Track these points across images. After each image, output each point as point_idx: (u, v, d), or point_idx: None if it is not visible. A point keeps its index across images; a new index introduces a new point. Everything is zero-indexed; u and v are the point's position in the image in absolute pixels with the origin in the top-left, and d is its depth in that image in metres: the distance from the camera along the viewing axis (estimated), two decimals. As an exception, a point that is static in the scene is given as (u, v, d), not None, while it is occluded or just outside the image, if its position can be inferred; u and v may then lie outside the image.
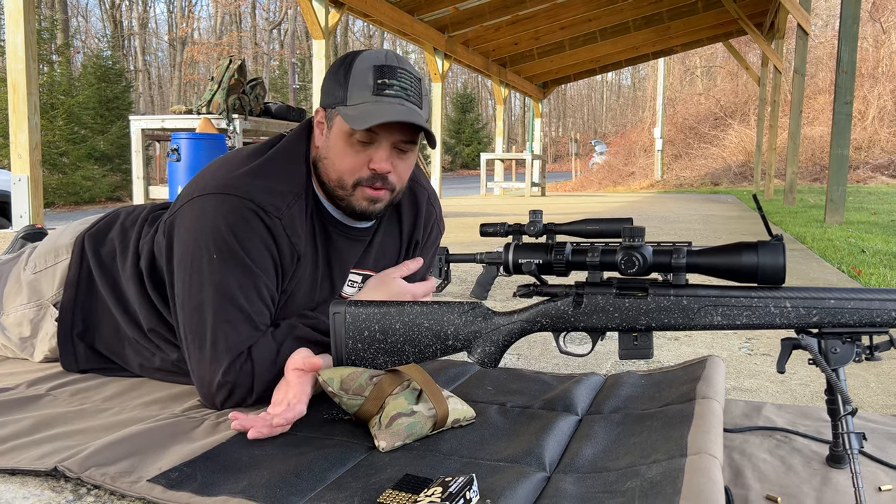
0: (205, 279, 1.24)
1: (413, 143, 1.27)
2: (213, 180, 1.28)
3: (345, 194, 1.29)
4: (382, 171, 1.26)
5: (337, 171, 1.28)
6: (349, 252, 1.41)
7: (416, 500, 0.89)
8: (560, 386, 1.45)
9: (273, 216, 1.26)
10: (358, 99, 1.22)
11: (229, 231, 1.24)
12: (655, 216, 7.27)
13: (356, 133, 1.23)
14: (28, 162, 4.92)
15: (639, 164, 22.42)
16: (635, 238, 1.09)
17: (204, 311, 1.25)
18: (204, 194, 1.27)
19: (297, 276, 1.34)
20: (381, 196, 1.29)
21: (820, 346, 1.03)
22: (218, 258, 1.24)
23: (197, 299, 1.25)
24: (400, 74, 1.24)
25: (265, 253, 1.26)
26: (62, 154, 14.75)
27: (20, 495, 1.00)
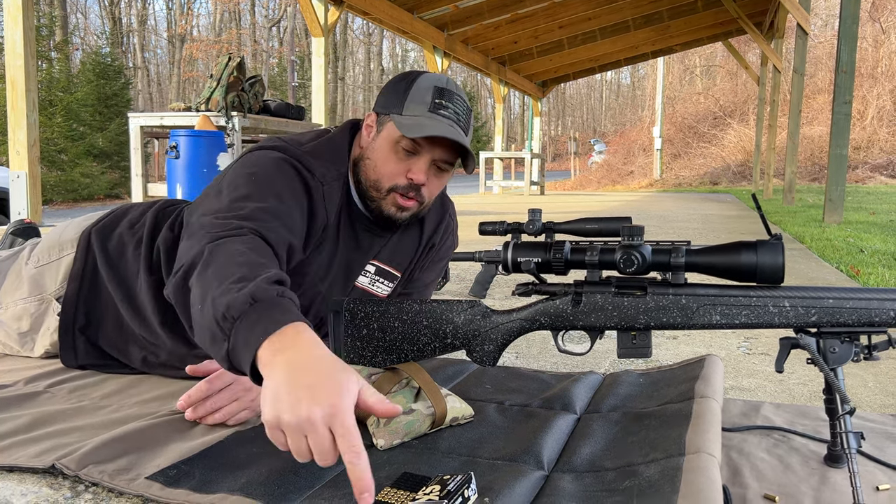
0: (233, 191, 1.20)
1: (451, 165, 1.33)
2: (268, 144, 1.33)
3: (377, 196, 1.33)
4: (418, 181, 1.30)
5: (376, 173, 1.32)
6: (370, 246, 1.44)
7: (415, 498, 0.89)
8: (558, 385, 1.45)
9: (317, 179, 1.30)
10: (414, 111, 1.29)
11: (275, 167, 1.26)
12: (654, 215, 7.27)
13: (403, 141, 1.28)
14: (26, 159, 4.91)
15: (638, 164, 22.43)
16: (634, 237, 1.09)
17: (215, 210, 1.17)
18: (257, 149, 1.32)
19: (318, 253, 1.35)
20: (410, 206, 1.34)
21: (818, 345, 1.03)
22: (255, 179, 1.23)
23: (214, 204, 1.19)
24: (456, 100, 1.32)
25: (297, 203, 1.26)
26: (61, 151, 14.74)
27: (18, 492, 1.00)
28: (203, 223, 1.13)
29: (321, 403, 0.80)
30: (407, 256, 1.50)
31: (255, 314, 0.89)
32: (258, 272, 0.97)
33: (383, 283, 1.49)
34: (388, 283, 1.49)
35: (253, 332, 0.87)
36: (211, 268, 0.99)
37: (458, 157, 1.32)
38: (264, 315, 0.88)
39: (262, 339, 0.86)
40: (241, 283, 0.93)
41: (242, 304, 0.90)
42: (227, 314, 0.90)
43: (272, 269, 1.00)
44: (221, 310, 0.91)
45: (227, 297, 0.91)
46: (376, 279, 1.48)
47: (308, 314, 1.42)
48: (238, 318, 0.89)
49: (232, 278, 0.95)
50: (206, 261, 1.02)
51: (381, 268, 1.47)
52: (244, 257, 1.01)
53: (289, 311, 0.91)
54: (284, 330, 0.87)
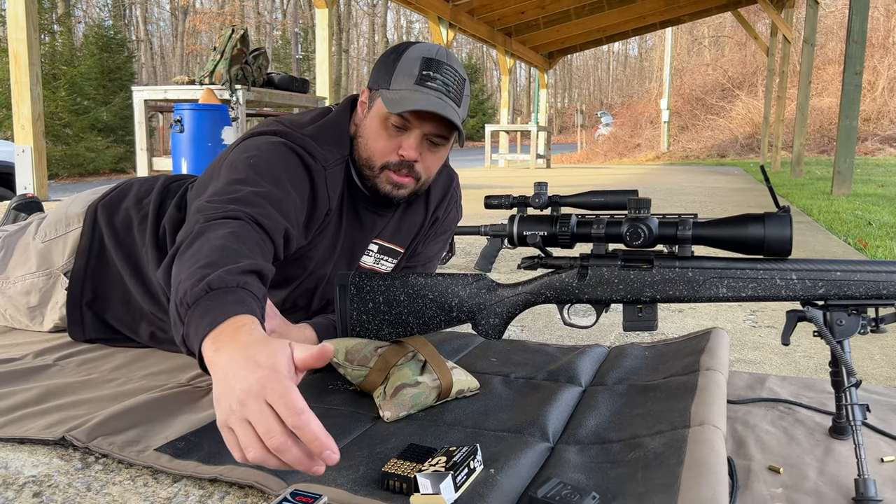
0: (232, 174, 1.19)
1: (445, 139, 1.29)
2: (269, 128, 1.31)
3: (371, 175, 1.32)
4: (409, 158, 1.28)
5: (368, 151, 1.31)
6: (373, 225, 1.43)
7: (421, 469, 0.90)
8: (564, 357, 1.45)
9: (320, 163, 1.29)
10: (400, 85, 1.25)
11: (275, 153, 1.24)
12: (661, 188, 7.23)
13: (391, 117, 1.26)
14: (31, 133, 4.91)
15: (645, 136, 22.26)
16: (641, 210, 1.08)
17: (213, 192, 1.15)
18: (257, 134, 1.30)
19: (321, 236, 1.35)
20: (406, 183, 1.31)
21: (825, 318, 1.03)
22: (254, 163, 1.20)
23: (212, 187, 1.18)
24: (445, 70, 1.27)
25: (298, 193, 1.23)
26: (65, 125, 14.71)
27: (29, 463, 1.02)
28: (199, 207, 1.11)
29: (249, 382, 0.75)
30: (411, 232, 1.50)
31: (206, 302, 0.86)
32: (230, 259, 0.93)
33: (387, 261, 1.49)
34: (392, 260, 1.49)
35: (202, 321, 0.84)
36: (189, 250, 0.97)
37: (452, 130, 1.28)
38: (214, 306, 0.85)
39: (207, 331, 0.83)
40: (205, 270, 0.90)
41: (199, 291, 0.87)
42: (184, 300, 0.88)
43: (249, 258, 0.96)
44: (181, 294, 0.89)
45: (188, 283, 0.89)
46: (381, 257, 1.47)
47: (314, 297, 1.42)
48: (192, 304, 0.87)
49: (200, 263, 0.92)
50: (188, 243, 1.00)
51: (385, 246, 1.47)
52: (222, 241, 0.97)
53: (241, 300, 0.86)
54: (227, 323, 0.82)
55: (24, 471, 1.00)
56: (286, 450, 0.72)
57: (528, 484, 0.93)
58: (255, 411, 0.73)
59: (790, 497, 0.92)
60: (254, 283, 0.92)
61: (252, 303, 0.88)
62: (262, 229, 1.09)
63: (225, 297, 0.86)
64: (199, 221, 1.05)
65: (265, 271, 0.97)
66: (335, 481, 0.92)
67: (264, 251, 1.06)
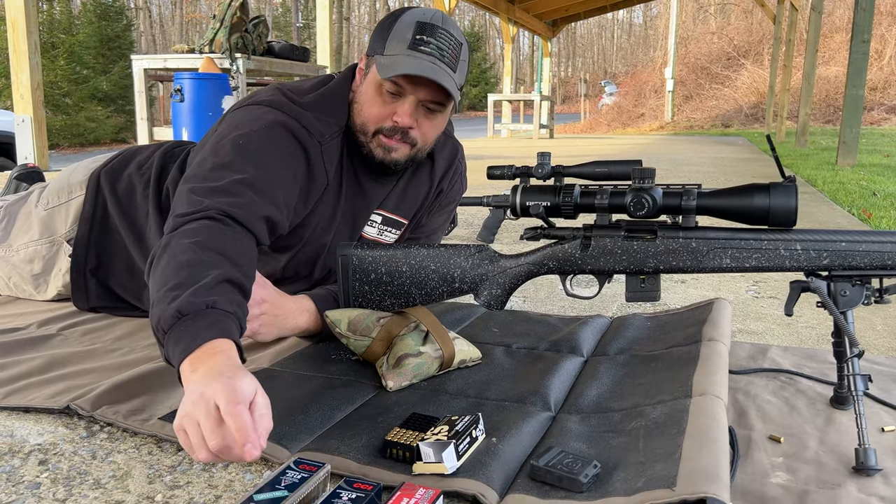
0: (216, 157, 1.20)
1: (442, 105, 1.27)
2: (267, 97, 1.30)
3: (365, 140, 1.30)
4: (403, 124, 1.26)
5: (362, 117, 1.29)
6: (374, 193, 1.41)
7: (423, 437, 0.90)
8: (566, 328, 1.45)
9: (315, 138, 1.28)
10: (394, 50, 1.23)
11: (264, 132, 1.23)
12: (665, 158, 7.19)
13: (385, 83, 1.24)
14: (30, 102, 4.88)
15: (649, 106, 22.07)
16: (645, 179, 1.07)
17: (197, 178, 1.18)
18: (255, 103, 1.29)
19: (320, 205, 1.34)
20: (397, 147, 1.29)
21: (829, 288, 1.02)
22: (241, 144, 1.21)
23: (196, 170, 1.21)
24: (440, 34, 1.24)
25: (288, 171, 1.23)
26: (65, 95, 14.62)
27: (35, 432, 1.03)
28: (179, 197, 1.15)
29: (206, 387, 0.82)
30: (415, 203, 1.49)
31: (179, 329, 0.91)
32: (198, 276, 0.97)
33: (391, 232, 1.48)
34: (396, 231, 1.49)
35: (177, 346, 0.90)
36: (158, 267, 1.02)
37: (446, 96, 1.25)
38: (187, 332, 0.90)
39: (182, 357, 0.89)
40: (174, 292, 0.94)
41: (171, 318, 0.92)
42: (159, 326, 0.93)
43: (217, 267, 1.00)
44: (155, 321, 0.94)
45: (160, 308, 0.94)
46: (384, 228, 1.47)
47: (315, 266, 1.42)
48: (167, 331, 0.92)
49: (169, 284, 0.96)
50: (158, 256, 1.04)
51: (389, 217, 1.46)
52: (186, 257, 1.00)
53: (214, 324, 0.91)
54: (202, 348, 0.88)
55: (29, 439, 1.00)
56: (228, 451, 0.78)
57: (529, 453, 0.94)
58: (199, 413, 0.80)
59: (790, 466, 0.93)
60: (222, 298, 0.95)
61: (224, 321, 0.93)
62: (237, 222, 1.12)
63: (196, 323, 0.91)
64: (170, 227, 1.09)
65: (234, 278, 1.00)
66: (338, 450, 0.93)
67: (240, 248, 1.08)
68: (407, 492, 0.80)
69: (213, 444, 0.79)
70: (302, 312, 1.30)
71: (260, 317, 1.24)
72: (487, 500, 0.82)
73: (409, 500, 0.78)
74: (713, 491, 0.75)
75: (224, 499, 0.85)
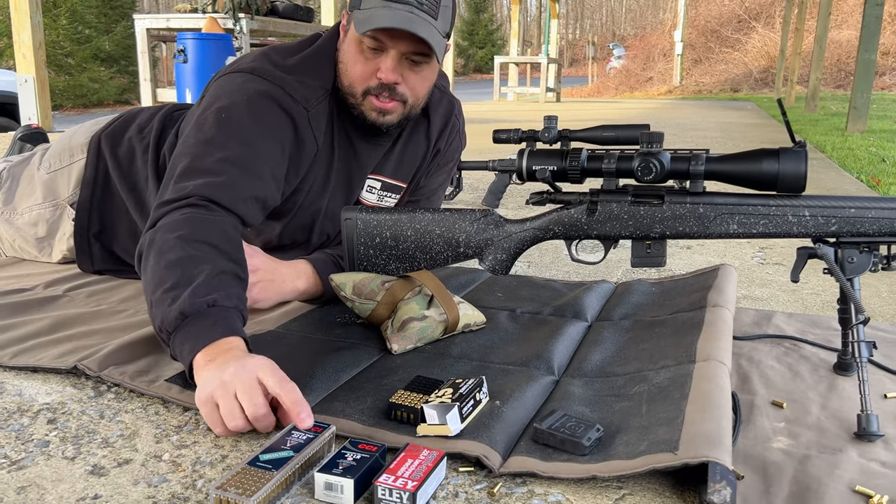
0: (199, 133, 1.20)
1: (426, 56, 1.22)
2: (249, 64, 1.28)
3: (355, 102, 1.27)
4: (388, 81, 1.22)
5: (348, 78, 1.26)
6: (368, 156, 1.38)
7: (427, 400, 0.91)
8: (570, 293, 1.45)
9: (301, 105, 1.25)
10: (370, 3, 1.19)
11: (247, 104, 1.22)
12: (672, 123, 7.12)
13: (364, 39, 1.20)
14: (33, 62, 4.84)
15: (657, 69, 21.78)
16: (653, 144, 1.06)
17: (182, 157, 1.19)
18: (237, 71, 1.27)
19: (311, 176, 1.33)
20: (391, 108, 1.26)
21: (836, 255, 1.02)
22: (224, 119, 1.20)
23: (181, 148, 1.21)
24: None
25: (275, 143, 1.22)
26: (67, 55, 14.48)
27: (43, 391, 1.04)
28: (165, 181, 1.17)
29: (241, 366, 0.88)
30: (413, 166, 1.46)
31: (185, 330, 0.94)
32: (191, 274, 0.99)
33: (391, 197, 1.47)
34: (395, 196, 1.47)
35: (185, 346, 0.93)
36: (149, 264, 1.04)
37: (430, 48, 1.19)
38: (193, 331, 0.93)
39: (192, 356, 0.92)
40: (173, 292, 0.96)
41: (174, 320, 0.94)
42: (163, 328, 0.96)
43: (207, 262, 1.01)
44: (157, 322, 0.97)
45: (160, 310, 0.96)
46: (384, 194, 1.45)
47: (312, 232, 1.41)
48: (172, 332, 0.95)
49: (165, 285, 0.98)
50: (146, 253, 1.06)
51: (388, 182, 1.44)
52: (175, 254, 1.02)
53: (218, 322, 0.94)
54: (213, 345, 0.92)
55: (38, 398, 1.02)
56: (263, 419, 0.86)
57: (532, 416, 0.95)
58: (243, 381, 0.86)
59: (792, 431, 0.93)
60: (221, 293, 0.98)
61: (228, 317, 0.96)
62: (220, 206, 1.13)
63: (200, 323, 0.94)
64: (153, 223, 1.10)
65: (227, 269, 1.02)
66: (343, 412, 0.94)
67: (225, 232, 1.09)
68: (411, 453, 0.81)
69: (252, 412, 0.85)
70: (299, 276, 1.30)
71: (256, 284, 1.23)
72: (491, 462, 0.83)
73: (413, 461, 0.79)
74: (715, 455, 0.75)
75: (231, 458, 0.86)
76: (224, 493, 0.73)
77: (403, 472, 0.77)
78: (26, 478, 0.82)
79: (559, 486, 0.81)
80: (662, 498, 0.79)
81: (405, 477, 0.76)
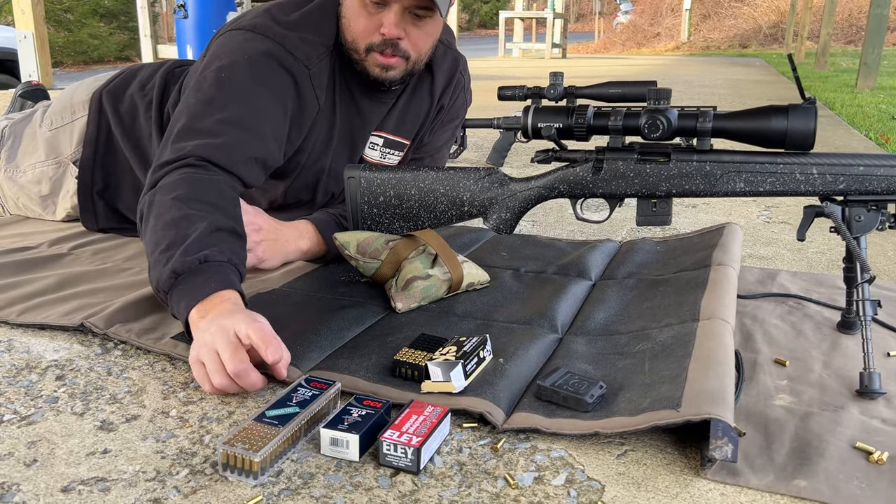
0: (199, 92, 1.19)
1: (430, 10, 1.20)
2: (250, 21, 1.26)
3: (358, 58, 1.26)
4: (391, 36, 1.21)
5: (351, 33, 1.24)
6: (371, 112, 1.37)
7: (432, 357, 0.92)
8: (574, 252, 1.45)
9: (303, 64, 1.24)
10: None
11: (247, 64, 1.20)
12: (680, 80, 7.02)
13: None
14: (31, 18, 4.77)
15: (665, 25, 21.39)
16: (660, 101, 1.05)
17: (181, 117, 1.18)
18: (238, 28, 1.26)
19: (313, 135, 1.31)
20: (394, 64, 1.25)
21: (844, 213, 1.01)
22: (224, 78, 1.19)
23: (181, 107, 1.20)
24: None
25: (276, 103, 1.21)
26: (66, 10, 14.28)
27: (50, 348, 1.05)
28: (164, 142, 1.16)
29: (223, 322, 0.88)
30: (416, 123, 1.45)
31: (178, 289, 0.95)
32: (185, 232, 0.99)
33: (393, 154, 1.46)
34: (398, 153, 1.46)
35: (180, 305, 0.94)
36: (148, 227, 1.04)
37: (433, 1, 1.17)
38: (185, 290, 0.94)
39: (186, 313, 0.93)
40: (167, 253, 0.97)
41: (168, 279, 0.95)
42: (160, 288, 0.97)
43: (203, 219, 1.01)
44: (154, 284, 0.98)
45: (156, 271, 0.97)
46: (386, 151, 1.44)
47: (316, 191, 1.40)
48: (167, 292, 0.96)
49: (161, 246, 0.99)
50: (145, 216, 1.06)
51: (390, 139, 1.43)
52: (171, 214, 1.02)
53: (211, 277, 0.95)
54: (205, 301, 0.92)
55: (45, 355, 1.03)
56: (244, 375, 0.86)
57: (536, 373, 0.95)
58: (222, 339, 0.86)
59: (794, 389, 0.94)
60: (214, 249, 0.98)
61: (221, 271, 0.96)
62: (218, 167, 1.12)
63: (193, 280, 0.94)
64: (151, 184, 1.10)
65: (223, 225, 1.02)
66: (348, 368, 0.94)
67: (220, 193, 1.09)
68: (416, 409, 0.82)
69: (231, 368, 0.85)
70: (302, 235, 1.30)
71: (261, 243, 1.24)
72: (494, 419, 0.84)
73: (418, 417, 0.80)
74: (718, 412, 0.76)
75: (237, 414, 0.87)
76: (231, 448, 0.74)
77: (408, 428, 0.78)
78: (36, 433, 0.83)
79: (562, 443, 0.82)
80: (664, 454, 0.80)
81: (410, 433, 0.77)
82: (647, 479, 0.76)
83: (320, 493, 0.73)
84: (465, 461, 0.79)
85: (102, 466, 0.77)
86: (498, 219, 1.20)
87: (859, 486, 0.73)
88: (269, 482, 0.74)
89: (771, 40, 17.37)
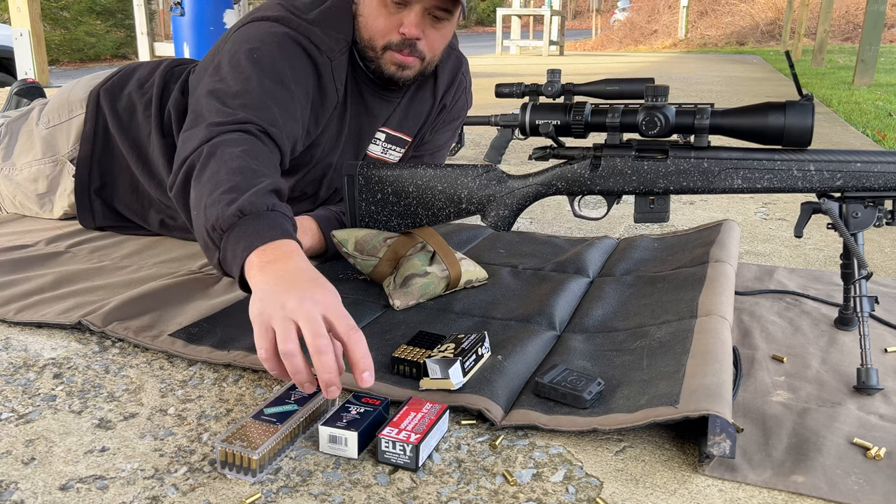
0: (236, 70, 1.16)
1: (449, 13, 1.22)
2: (272, 13, 1.25)
3: (374, 56, 1.26)
4: (412, 36, 1.22)
5: (369, 32, 1.25)
6: (379, 110, 1.38)
7: (430, 354, 0.92)
8: (572, 249, 1.45)
9: (326, 55, 1.24)
10: None
11: (278, 46, 1.19)
12: (677, 77, 7.02)
13: None
14: (28, 15, 4.76)
15: (662, 22, 21.39)
16: (658, 98, 1.05)
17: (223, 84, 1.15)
18: (261, 19, 1.25)
19: (327, 129, 1.32)
20: (410, 63, 1.26)
21: (841, 210, 1.01)
22: (257, 59, 1.18)
23: (212, 80, 1.17)
24: None
25: (302, 89, 1.20)
26: (62, 8, 14.24)
27: (48, 346, 1.04)
28: (208, 107, 1.10)
29: (314, 292, 0.79)
30: (418, 120, 1.45)
31: (241, 228, 0.88)
32: (252, 182, 0.94)
33: (395, 150, 1.46)
34: (400, 149, 1.46)
35: (239, 245, 0.87)
36: (206, 173, 0.97)
37: (455, 2, 1.20)
38: (250, 229, 0.87)
39: (247, 254, 0.85)
40: (232, 195, 0.91)
41: (231, 217, 0.89)
42: (217, 225, 0.90)
43: (267, 176, 0.97)
44: (212, 221, 0.91)
45: (216, 209, 0.90)
46: (388, 146, 1.44)
47: (321, 185, 1.40)
48: (227, 230, 0.89)
49: (223, 187, 0.93)
50: (203, 163, 1.00)
51: (392, 134, 1.43)
52: (238, 163, 0.97)
53: (276, 225, 0.88)
54: (272, 245, 0.85)
55: (43, 353, 1.02)
56: (327, 351, 0.75)
57: (534, 370, 0.95)
58: (308, 313, 0.76)
59: (792, 385, 0.94)
60: (281, 205, 0.93)
61: (286, 224, 0.90)
62: (272, 140, 1.10)
63: (259, 222, 0.88)
64: (205, 135, 1.04)
65: (283, 189, 0.98)
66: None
67: (275, 164, 1.07)
68: (414, 406, 0.82)
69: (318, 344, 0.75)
70: (304, 232, 1.30)
71: None
72: (492, 415, 0.84)
73: (416, 414, 0.80)
74: (715, 408, 0.76)
75: (235, 412, 0.87)
76: (229, 445, 0.74)
77: (406, 426, 0.78)
78: (34, 431, 0.83)
79: (560, 439, 0.82)
80: (663, 451, 0.80)
81: (408, 430, 0.77)
82: (646, 475, 0.76)
83: (319, 491, 0.73)
84: (463, 458, 0.79)
85: (100, 464, 0.77)
86: (496, 216, 1.20)
87: (857, 482, 0.74)
88: (267, 480, 0.74)
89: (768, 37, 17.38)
